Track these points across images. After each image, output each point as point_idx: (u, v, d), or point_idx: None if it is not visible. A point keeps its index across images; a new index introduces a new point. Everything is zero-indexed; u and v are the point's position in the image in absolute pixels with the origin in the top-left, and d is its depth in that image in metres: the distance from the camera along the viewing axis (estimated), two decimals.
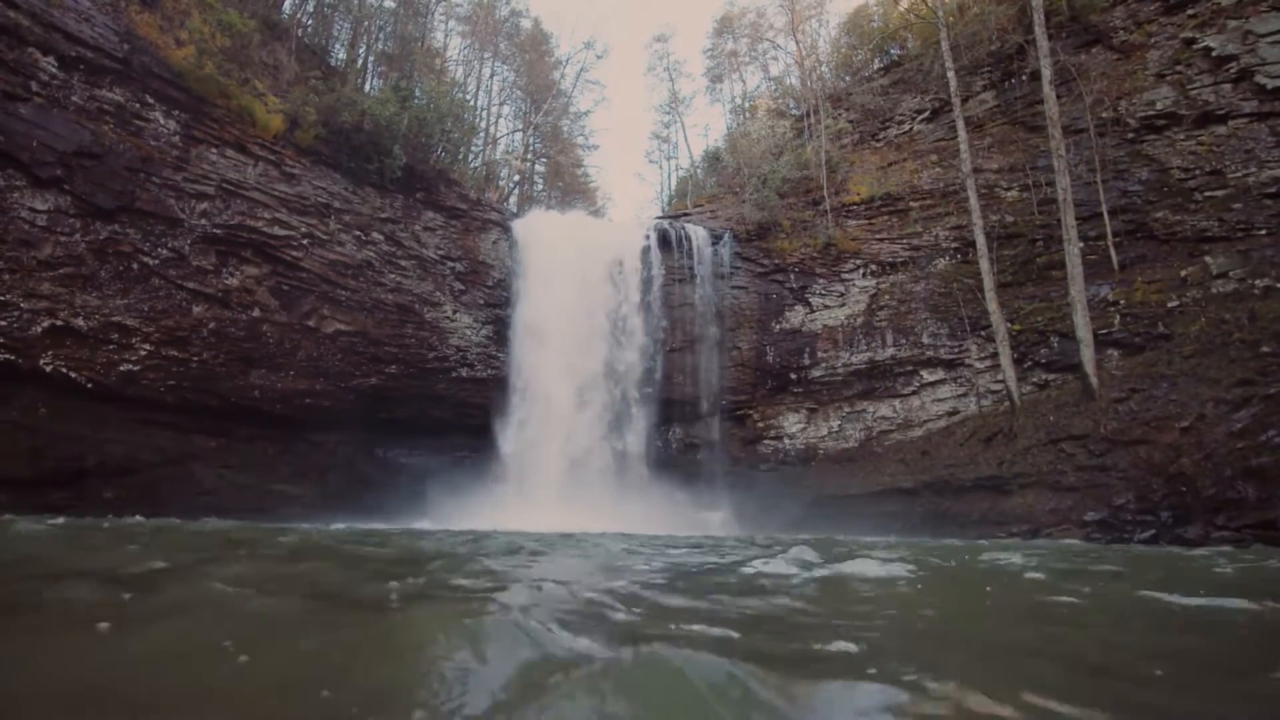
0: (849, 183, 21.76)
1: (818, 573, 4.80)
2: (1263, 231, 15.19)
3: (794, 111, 27.66)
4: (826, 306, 20.73)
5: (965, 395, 18.70)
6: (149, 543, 5.73)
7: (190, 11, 15.12)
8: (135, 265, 13.70)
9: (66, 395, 13.14)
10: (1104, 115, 17.33)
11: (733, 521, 18.19)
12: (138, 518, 10.98)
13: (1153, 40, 17.29)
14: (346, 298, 17.22)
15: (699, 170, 33.72)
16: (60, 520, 8.65)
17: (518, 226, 20.79)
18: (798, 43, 29.73)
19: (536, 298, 19.70)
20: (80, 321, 13.01)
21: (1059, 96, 17.18)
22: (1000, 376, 17.48)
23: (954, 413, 18.72)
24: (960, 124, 18.91)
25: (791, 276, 21.08)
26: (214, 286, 14.91)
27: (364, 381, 17.79)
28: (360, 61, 23.99)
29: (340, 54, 23.55)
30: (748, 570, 5.01)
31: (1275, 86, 15.26)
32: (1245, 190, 15.49)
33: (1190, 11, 16.72)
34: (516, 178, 33.42)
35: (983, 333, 18.21)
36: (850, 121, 23.31)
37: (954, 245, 19.69)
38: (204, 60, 14.45)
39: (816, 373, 20.32)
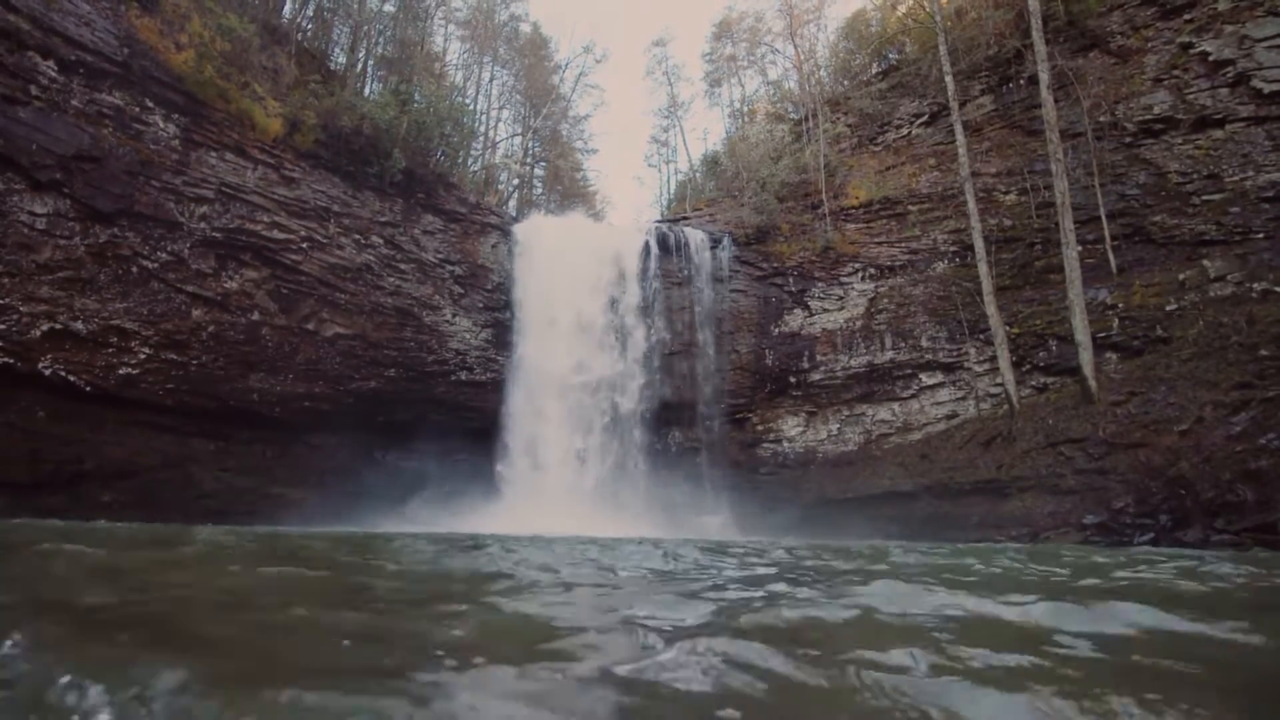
0: (847, 186, 21.79)
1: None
2: (1260, 235, 15.22)
3: (792, 115, 27.73)
4: (825, 310, 20.74)
5: (964, 398, 18.71)
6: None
7: (190, 15, 15.13)
8: (134, 269, 13.70)
9: (65, 398, 13.12)
10: (1101, 119, 17.38)
11: (732, 525, 18.15)
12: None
13: (1150, 45, 17.36)
14: (346, 301, 17.21)
15: (698, 174, 33.80)
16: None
17: (517, 230, 20.82)
18: (796, 47, 29.81)
19: (535, 301, 19.72)
20: (79, 325, 13.00)
21: (1056, 101, 17.22)
22: (999, 379, 17.48)
23: (953, 416, 18.72)
24: (958, 128, 18.95)
25: (790, 280, 21.10)
26: (213, 290, 14.91)
27: (363, 385, 17.77)
28: (360, 65, 24.02)
29: (340, 58, 23.58)
30: None
31: (1272, 91, 15.32)
32: (1243, 194, 15.53)
33: (1187, 16, 16.79)
34: (516, 181, 33.48)
35: (981, 336, 18.23)
36: (848, 125, 23.36)
37: (952, 249, 19.72)
38: (204, 64, 14.46)
39: (815, 376, 20.32)
